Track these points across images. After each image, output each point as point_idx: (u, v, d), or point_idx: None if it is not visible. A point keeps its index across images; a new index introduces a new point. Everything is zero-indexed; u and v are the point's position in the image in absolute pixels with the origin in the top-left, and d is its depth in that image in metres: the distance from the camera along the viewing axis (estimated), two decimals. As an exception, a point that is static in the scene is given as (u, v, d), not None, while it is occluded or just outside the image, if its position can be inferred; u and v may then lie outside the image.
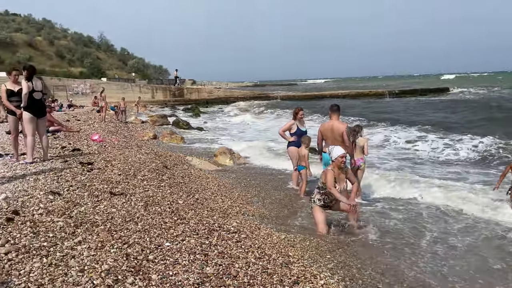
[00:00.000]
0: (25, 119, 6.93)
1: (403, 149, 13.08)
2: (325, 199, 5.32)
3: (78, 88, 37.97)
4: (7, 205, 4.47)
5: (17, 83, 7.21)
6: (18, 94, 7.02)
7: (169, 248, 3.89)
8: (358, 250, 4.82)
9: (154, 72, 73.45)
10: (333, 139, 6.44)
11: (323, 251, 4.61)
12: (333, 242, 5.01)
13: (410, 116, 21.78)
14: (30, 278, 2.99)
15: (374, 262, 4.46)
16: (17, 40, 56.19)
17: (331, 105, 6.76)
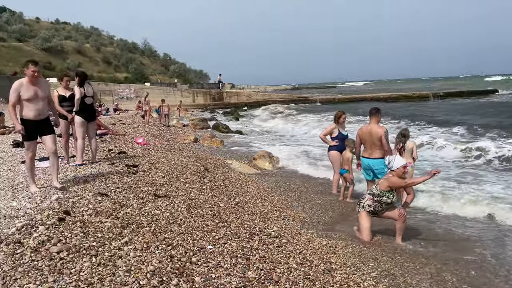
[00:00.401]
0: (77, 123, 7.27)
1: (456, 154, 12.35)
2: (376, 207, 5.19)
3: (123, 92, 39.46)
4: (58, 205, 4.69)
5: (68, 88, 7.60)
6: (69, 99, 7.40)
7: (212, 251, 3.94)
8: (404, 259, 4.67)
9: (195, 76, 74.99)
10: (371, 143, 6.30)
11: (366, 259, 4.50)
12: (377, 249, 4.88)
13: (460, 119, 20.89)
14: (80, 277, 3.11)
15: (420, 272, 4.31)
16: (67, 47, 59.17)
17: (371, 108, 6.61)
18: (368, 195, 5.25)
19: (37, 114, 5.35)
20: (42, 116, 5.44)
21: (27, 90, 5.25)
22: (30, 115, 5.31)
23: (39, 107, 5.36)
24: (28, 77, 5.29)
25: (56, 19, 74.15)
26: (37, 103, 5.32)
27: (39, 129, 5.44)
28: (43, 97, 5.41)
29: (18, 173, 6.67)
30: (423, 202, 7.07)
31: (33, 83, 5.31)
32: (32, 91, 5.27)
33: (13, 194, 5.32)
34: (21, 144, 10.01)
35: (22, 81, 5.33)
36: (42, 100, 5.39)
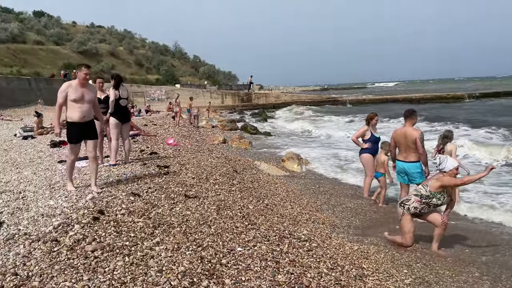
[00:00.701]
0: (111, 124, 7.47)
1: (493, 157, 11.81)
2: (423, 209, 4.96)
3: (154, 94, 40.29)
4: (93, 204, 4.82)
5: (102, 90, 7.81)
6: (104, 101, 7.60)
7: (241, 253, 3.93)
8: (439, 266, 4.51)
9: (224, 78, 75.59)
10: (406, 146, 6.12)
11: (399, 265, 4.38)
12: (410, 256, 4.74)
13: (495, 120, 20.03)
14: (114, 276, 3.18)
15: (456, 280, 4.15)
16: (102, 50, 60.94)
17: (405, 110, 6.41)
18: (415, 197, 4.98)
19: (82, 116, 5.42)
20: (87, 118, 5.51)
21: (75, 91, 5.35)
22: (75, 117, 5.39)
23: (84, 109, 5.43)
24: (79, 79, 5.42)
25: (91, 23, 76.56)
26: (82, 105, 5.40)
27: (84, 132, 5.51)
28: (89, 100, 5.50)
29: (55, 173, 6.90)
30: (460, 208, 6.83)
31: (82, 85, 5.43)
32: (80, 93, 5.37)
33: (50, 193, 5.50)
34: (58, 144, 10.38)
35: (71, 82, 5.46)
36: (87, 103, 5.47)
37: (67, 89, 5.34)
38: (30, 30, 55.82)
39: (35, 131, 13.64)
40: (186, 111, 21.65)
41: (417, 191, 5.03)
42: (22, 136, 12.90)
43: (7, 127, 16.42)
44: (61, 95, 5.34)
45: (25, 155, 9.29)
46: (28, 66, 42.66)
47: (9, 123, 18.42)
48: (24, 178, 6.60)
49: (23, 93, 29.75)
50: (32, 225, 4.21)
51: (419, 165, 6.02)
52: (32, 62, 45.79)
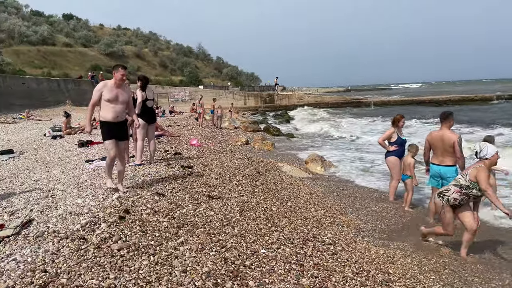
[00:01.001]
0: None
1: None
2: (462, 200, 4.80)
3: (178, 95, 40.81)
4: (119, 203, 4.89)
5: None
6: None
7: (265, 255, 3.91)
8: (468, 273, 4.37)
9: (246, 79, 75.81)
10: (442, 149, 5.90)
11: (426, 271, 4.27)
12: (438, 261, 4.61)
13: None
14: (139, 275, 3.21)
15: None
16: (128, 52, 62.18)
17: (442, 112, 6.16)
18: (454, 187, 4.80)
19: (115, 116, 5.41)
20: (120, 118, 5.51)
21: (110, 91, 5.35)
22: (109, 116, 5.39)
23: (118, 110, 5.42)
24: (115, 80, 5.43)
25: (118, 25, 78.21)
26: (116, 105, 5.40)
27: (116, 132, 5.47)
28: (123, 101, 5.49)
29: (82, 172, 7.05)
30: (490, 212, 6.61)
31: (118, 86, 5.43)
32: (114, 93, 5.37)
33: (78, 191, 5.63)
34: (85, 144, 10.63)
35: (107, 82, 5.48)
36: (121, 104, 5.46)
37: (102, 89, 5.35)
38: (59, 33, 57.48)
39: (63, 131, 14.00)
40: (209, 112, 21.81)
41: (457, 181, 4.82)
42: (51, 135, 13.27)
43: (37, 127, 16.94)
44: (96, 94, 5.36)
45: (54, 154, 9.54)
46: (57, 68, 43.92)
47: (38, 123, 19.01)
48: (53, 177, 6.77)
49: (52, 94, 30.66)
50: (61, 223, 4.31)
51: (455, 170, 5.82)
52: (61, 63, 47.12)
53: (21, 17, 52.38)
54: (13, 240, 3.93)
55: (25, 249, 3.66)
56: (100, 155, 8.79)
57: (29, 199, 5.38)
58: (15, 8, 56.07)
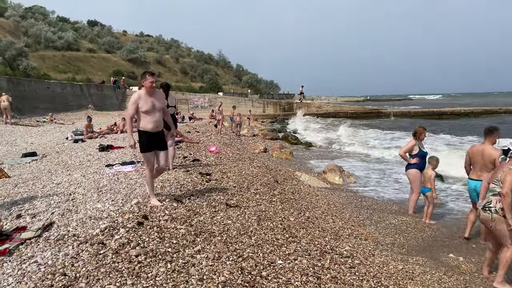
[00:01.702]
0: None
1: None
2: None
3: (198, 101, 41.15)
4: (138, 209, 4.94)
5: None
6: None
7: (282, 266, 3.88)
8: (491, 292, 4.23)
9: (265, 87, 75.98)
10: (482, 164, 5.72)
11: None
12: (459, 279, 4.49)
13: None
14: (156, 282, 3.22)
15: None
16: (149, 58, 63.18)
17: (486, 127, 5.94)
18: (494, 197, 4.45)
19: (154, 126, 5.26)
20: (160, 128, 5.35)
21: (145, 102, 5.17)
22: (148, 127, 5.23)
23: (157, 119, 5.27)
24: (146, 88, 5.23)
25: (140, 32, 79.62)
26: (154, 115, 5.24)
27: (155, 142, 5.32)
28: (160, 108, 5.33)
29: (103, 176, 7.16)
30: None
31: (151, 94, 5.25)
32: (150, 102, 5.20)
33: (98, 196, 5.71)
34: (106, 148, 10.80)
35: (140, 93, 5.27)
36: (158, 112, 5.30)
37: (137, 101, 5.17)
38: (83, 39, 58.88)
39: (84, 135, 14.28)
40: (229, 119, 21.90)
41: (493, 191, 4.46)
42: (73, 139, 13.54)
43: (60, 130, 17.32)
44: (132, 106, 5.19)
45: (75, 158, 9.73)
46: (81, 73, 44.93)
47: (61, 127, 19.44)
48: (74, 181, 6.90)
49: (75, 98, 31.35)
50: (81, 227, 4.37)
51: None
52: (84, 68, 48.19)
53: (47, 23, 53.87)
54: (34, 243, 4.00)
55: (46, 252, 3.73)
56: (120, 160, 8.92)
57: (51, 202, 5.48)
58: (42, 14, 57.69)
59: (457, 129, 26.08)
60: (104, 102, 34.57)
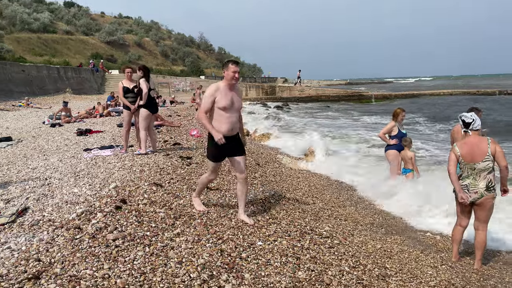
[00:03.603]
0: (143, 115, 7.52)
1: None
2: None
3: (179, 85, 40.65)
4: (116, 193, 4.86)
5: (131, 80, 7.88)
6: (133, 91, 7.69)
7: (261, 247, 3.88)
8: (467, 269, 4.34)
9: (248, 70, 75.46)
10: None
11: (424, 266, 4.25)
12: (435, 257, 4.59)
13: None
14: (134, 266, 3.18)
15: (484, 285, 3.98)
16: (129, 41, 61.78)
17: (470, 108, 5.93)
18: (490, 175, 4.34)
19: (230, 127, 4.35)
20: (235, 130, 4.46)
21: (224, 96, 4.29)
22: (223, 128, 4.31)
23: (233, 120, 4.38)
24: (227, 80, 4.36)
25: (119, 14, 77.70)
26: (232, 114, 4.35)
27: (230, 147, 4.40)
28: (238, 107, 4.46)
29: (80, 160, 7.02)
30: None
31: (231, 87, 4.39)
32: (229, 98, 4.32)
33: (75, 180, 5.59)
34: (84, 132, 10.58)
35: (218, 85, 4.37)
36: (236, 112, 4.43)
37: (215, 94, 4.29)
38: (60, 20, 57.11)
39: (62, 119, 13.95)
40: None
41: (487, 169, 4.32)
42: (50, 123, 13.22)
43: (36, 115, 16.88)
44: (208, 100, 4.30)
45: (52, 142, 9.50)
46: (58, 56, 43.70)
47: (38, 111, 18.93)
48: (50, 165, 6.74)
49: (52, 81, 30.55)
50: (56, 212, 4.28)
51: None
52: (61, 51, 46.88)
53: (22, 4, 51.96)
54: (8, 228, 3.90)
55: (19, 238, 3.64)
56: (99, 144, 8.76)
57: (26, 187, 5.35)
58: (16, -5, 55.63)
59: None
60: (82, 86, 33.80)
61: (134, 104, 7.69)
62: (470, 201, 4.39)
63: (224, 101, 4.28)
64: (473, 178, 4.35)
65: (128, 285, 2.88)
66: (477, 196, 4.34)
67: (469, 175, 4.38)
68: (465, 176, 4.42)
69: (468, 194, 4.37)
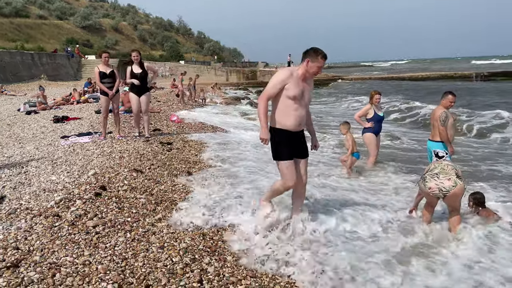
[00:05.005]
0: (134, 98, 7.87)
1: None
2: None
3: (158, 70, 39.98)
4: (95, 180, 4.79)
5: (108, 65, 7.71)
6: (110, 76, 7.54)
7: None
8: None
9: (229, 55, 74.75)
10: (432, 125, 5.93)
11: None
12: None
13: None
14: (115, 252, 3.16)
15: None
16: (105, 25, 60.14)
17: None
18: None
19: (297, 123, 3.73)
20: (302, 126, 3.85)
21: (297, 85, 3.66)
22: (289, 123, 3.69)
23: (302, 114, 3.74)
24: (307, 73, 3.71)
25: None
26: (301, 107, 3.72)
27: (296, 146, 3.77)
28: (308, 101, 3.85)
29: (57, 148, 6.88)
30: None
31: (305, 79, 3.74)
32: (301, 89, 3.69)
33: (52, 168, 5.49)
34: (61, 119, 10.35)
35: (292, 71, 3.74)
36: (306, 106, 3.82)
37: (287, 80, 3.65)
38: (33, 4, 55.08)
39: (37, 106, 13.59)
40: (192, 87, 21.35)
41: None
42: (25, 111, 12.87)
43: (11, 102, 16.38)
44: (277, 85, 3.65)
45: (28, 130, 9.27)
46: (32, 41, 42.24)
47: (12, 98, 18.37)
48: (26, 153, 6.59)
49: (26, 68, 29.64)
50: (34, 200, 4.21)
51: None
52: (35, 36, 45.34)
53: (-9, -13, 49.86)
54: (-16, 218, 3.81)
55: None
56: (77, 131, 8.59)
57: (1, 176, 5.21)
58: (-15, -23, 53.31)
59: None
60: (58, 72, 32.93)
61: (111, 90, 7.55)
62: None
63: (295, 90, 3.64)
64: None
65: (109, 271, 2.87)
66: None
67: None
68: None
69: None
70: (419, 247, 3.72)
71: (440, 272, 3.26)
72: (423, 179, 4.15)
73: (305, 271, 3.14)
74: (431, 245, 3.79)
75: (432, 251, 3.65)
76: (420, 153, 8.39)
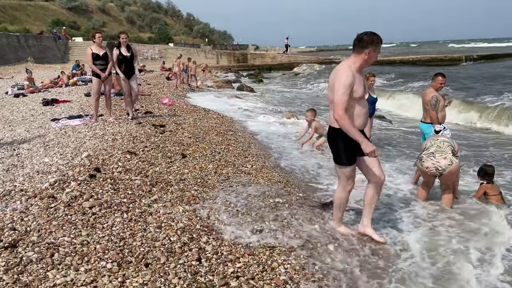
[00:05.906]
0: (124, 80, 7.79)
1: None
2: None
3: (147, 53, 39.38)
4: (89, 162, 4.76)
5: (101, 47, 7.57)
6: (103, 57, 7.41)
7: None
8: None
9: (219, 37, 73.87)
10: (423, 107, 5.94)
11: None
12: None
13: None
14: (113, 232, 3.18)
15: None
16: (92, 6, 58.81)
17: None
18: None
19: (364, 121, 3.45)
20: (365, 124, 3.51)
21: (360, 84, 3.31)
22: (357, 122, 3.37)
23: (366, 110, 3.46)
24: (362, 60, 3.32)
25: (80, -23, 73.46)
26: (364, 103, 3.45)
27: (359, 147, 3.29)
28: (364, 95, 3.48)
29: (48, 130, 6.80)
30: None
31: (360, 71, 3.39)
32: (363, 84, 3.37)
33: (45, 150, 5.44)
34: (51, 102, 10.21)
35: (350, 66, 3.31)
36: (365, 100, 3.56)
37: (354, 81, 3.26)
38: (17, -15, 53.53)
39: (25, 89, 13.35)
40: (183, 71, 21.12)
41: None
42: (13, 94, 12.65)
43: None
44: (348, 91, 3.23)
45: (17, 113, 9.14)
46: (17, 23, 41.20)
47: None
48: (17, 136, 6.51)
49: (12, 50, 28.97)
50: (28, 181, 4.18)
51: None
52: (20, 18, 44.19)
53: (-27, -34, 48.21)
54: (-23, 200, 3.78)
55: (-9, 208, 3.54)
56: (67, 114, 8.49)
57: (-7, 159, 5.16)
58: (-34, -44, 51.44)
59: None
60: (45, 54, 32.25)
61: (104, 72, 7.45)
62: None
63: (361, 89, 3.32)
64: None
65: (108, 250, 2.89)
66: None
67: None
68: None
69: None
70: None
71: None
72: (420, 159, 4.22)
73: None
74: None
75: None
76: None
